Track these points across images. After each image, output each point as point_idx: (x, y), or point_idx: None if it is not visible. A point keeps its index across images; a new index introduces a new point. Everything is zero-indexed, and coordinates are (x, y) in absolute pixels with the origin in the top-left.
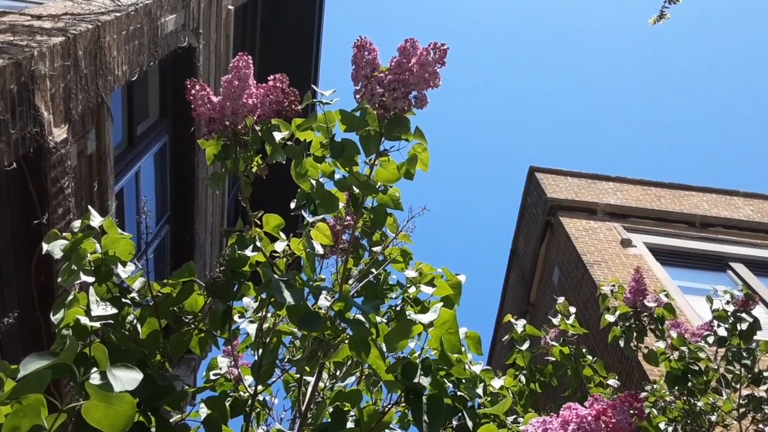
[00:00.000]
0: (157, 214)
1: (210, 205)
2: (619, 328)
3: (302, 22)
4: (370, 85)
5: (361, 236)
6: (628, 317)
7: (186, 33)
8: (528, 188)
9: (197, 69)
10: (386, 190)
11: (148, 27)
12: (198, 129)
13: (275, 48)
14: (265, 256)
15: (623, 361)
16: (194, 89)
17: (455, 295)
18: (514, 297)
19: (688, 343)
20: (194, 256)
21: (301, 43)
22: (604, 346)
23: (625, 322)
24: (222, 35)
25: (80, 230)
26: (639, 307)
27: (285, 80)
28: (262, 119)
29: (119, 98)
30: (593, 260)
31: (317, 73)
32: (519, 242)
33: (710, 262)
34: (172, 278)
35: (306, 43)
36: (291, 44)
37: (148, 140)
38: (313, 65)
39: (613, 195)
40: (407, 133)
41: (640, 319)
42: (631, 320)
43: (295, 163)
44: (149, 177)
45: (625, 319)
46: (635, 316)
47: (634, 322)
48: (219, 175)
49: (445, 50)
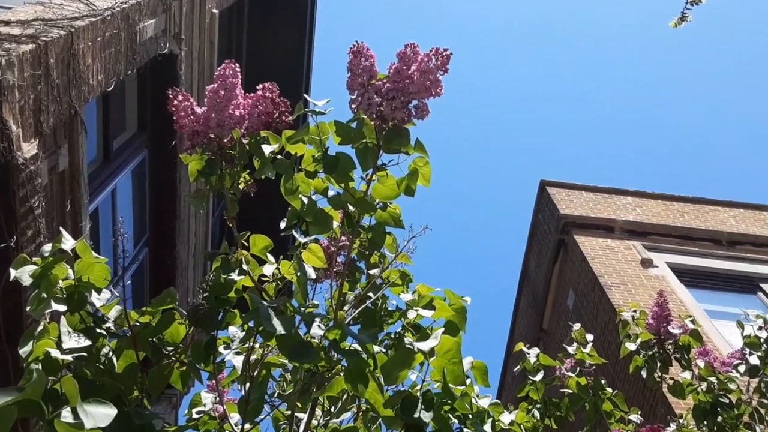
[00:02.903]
0: (135, 236)
1: (193, 225)
2: (641, 358)
3: (293, 26)
4: (367, 93)
5: (357, 258)
6: (650, 345)
7: (167, 39)
8: (539, 204)
9: (179, 78)
10: (385, 208)
11: (125, 33)
12: (180, 143)
13: (264, 54)
14: (253, 280)
15: (646, 393)
16: (176, 100)
17: (460, 321)
18: (526, 323)
19: (717, 373)
20: (175, 281)
21: (292, 50)
22: (625, 377)
23: (647, 351)
24: (206, 41)
25: (51, 254)
26: (663, 334)
27: (275, 89)
28: (250, 132)
29: (94, 110)
30: (611, 282)
31: (309, 82)
32: (530, 263)
33: (739, 283)
34: (151, 306)
35: (297, 50)
36: (281, 50)
37: (126, 155)
38: (305, 73)
39: (632, 211)
40: (407, 146)
41: (664, 347)
42: (654, 348)
43: (286, 179)
44: (127, 195)
45: (648, 347)
46: (659, 344)
47: (657, 350)
48: (203, 193)
49: (448, 56)
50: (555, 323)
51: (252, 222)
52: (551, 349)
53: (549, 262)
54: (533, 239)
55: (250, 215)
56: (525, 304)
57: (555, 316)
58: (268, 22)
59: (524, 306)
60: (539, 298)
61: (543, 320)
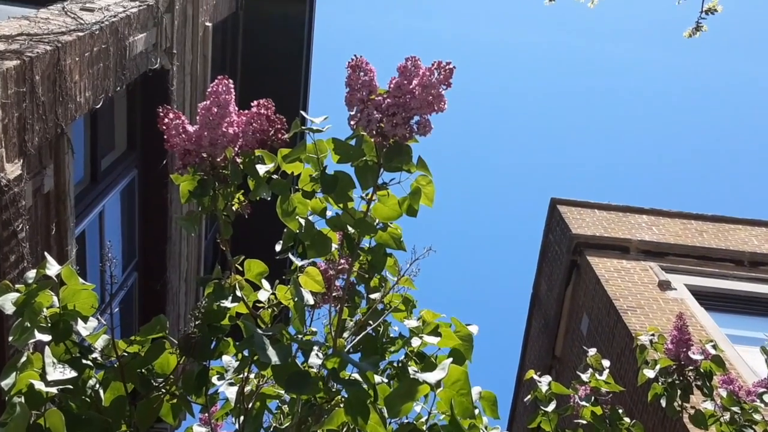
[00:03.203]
0: (123, 261)
1: (185, 248)
2: (660, 385)
3: (290, 40)
4: (367, 109)
5: (357, 282)
6: (670, 372)
7: (158, 53)
8: (550, 223)
9: (170, 94)
10: (386, 229)
11: (114, 48)
12: (171, 162)
13: (259, 69)
14: (247, 307)
15: (666, 424)
16: (167, 118)
17: (466, 350)
18: (537, 349)
19: (741, 402)
20: (166, 308)
21: (288, 64)
22: (643, 407)
23: (666, 378)
24: (199, 55)
25: (35, 281)
26: (683, 360)
27: (270, 106)
28: (244, 150)
29: (81, 128)
30: (627, 306)
31: (307, 98)
32: (541, 286)
33: (763, 306)
34: (140, 335)
35: (294, 64)
36: (277, 65)
37: (114, 176)
38: (302, 89)
39: (648, 230)
40: (409, 164)
41: (685, 374)
42: (673, 375)
43: (282, 200)
44: (115, 217)
45: (667, 374)
46: (678, 370)
47: (677, 377)
48: (194, 215)
49: (451, 70)
50: (568, 349)
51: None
52: (564, 377)
53: (561, 284)
54: (544, 261)
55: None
56: (536, 330)
57: (568, 342)
58: (264, 35)
59: (535, 331)
60: (551, 323)
61: (555, 346)
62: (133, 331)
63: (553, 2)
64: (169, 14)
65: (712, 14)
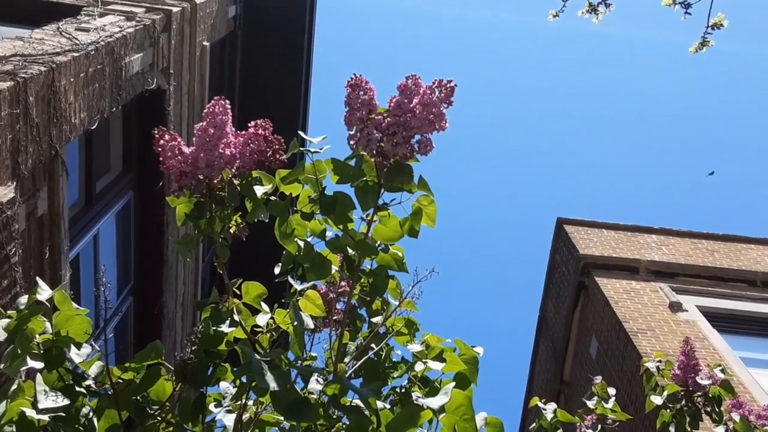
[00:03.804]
0: (118, 285)
1: (181, 272)
2: (668, 412)
3: (288, 59)
4: (367, 129)
5: (358, 305)
6: (678, 398)
7: (154, 74)
8: (556, 244)
9: (167, 114)
10: (387, 250)
11: (110, 68)
12: (167, 184)
13: (257, 89)
14: (245, 331)
15: None
16: (163, 139)
17: (471, 373)
18: (545, 374)
19: (753, 427)
20: (162, 333)
21: (286, 84)
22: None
23: (675, 405)
24: (196, 75)
25: (27, 306)
26: (691, 386)
27: (268, 126)
28: (242, 172)
29: (76, 150)
30: (637, 328)
31: (306, 118)
32: (548, 308)
33: None
34: (135, 361)
35: (293, 84)
36: (275, 85)
37: (110, 198)
38: (301, 108)
39: (658, 250)
40: (410, 184)
41: (693, 400)
42: (682, 402)
43: (280, 222)
44: (110, 241)
45: (675, 400)
46: (687, 396)
47: (686, 404)
48: (190, 238)
49: (452, 88)
50: (577, 374)
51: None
52: (574, 403)
53: (569, 306)
54: (551, 282)
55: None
56: (543, 353)
57: (577, 366)
58: (263, 55)
59: (543, 355)
60: (559, 346)
61: (564, 371)
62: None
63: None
64: (166, 34)
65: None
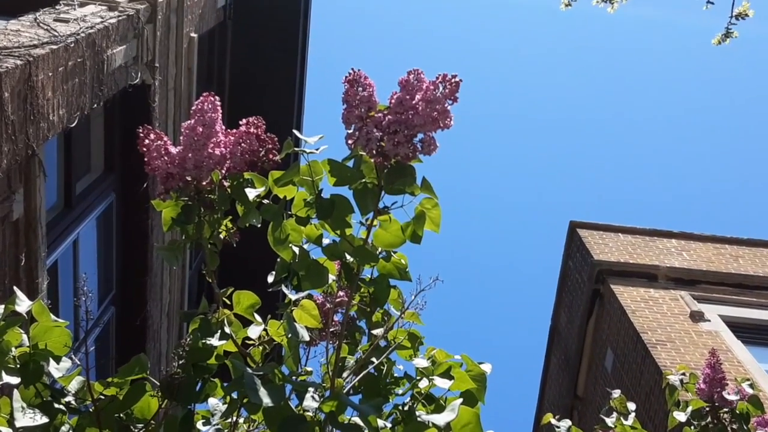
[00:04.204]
0: (99, 294)
1: (167, 280)
2: (692, 429)
3: (282, 52)
4: (366, 127)
5: (357, 316)
6: (703, 414)
7: (138, 67)
8: (569, 249)
9: (152, 111)
10: (388, 257)
11: (91, 61)
12: (153, 186)
13: (249, 84)
14: (236, 344)
15: None
16: (148, 138)
17: (479, 390)
18: (557, 389)
19: None
20: (146, 346)
21: (280, 79)
22: None
23: (700, 422)
24: (183, 69)
25: (3, 317)
26: (717, 401)
27: (261, 124)
28: (232, 173)
29: (54, 149)
30: (656, 340)
31: (301, 115)
32: (560, 318)
33: None
34: (118, 376)
35: (287, 79)
36: (268, 80)
37: (90, 200)
38: (295, 105)
39: (678, 256)
40: (412, 186)
41: (719, 416)
42: (707, 418)
43: (273, 227)
44: (91, 246)
45: (700, 417)
46: (712, 412)
47: (711, 420)
48: (177, 244)
49: (457, 83)
50: (591, 388)
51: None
52: (588, 420)
53: (582, 316)
54: (563, 290)
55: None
56: (556, 367)
57: (591, 380)
58: (255, 47)
59: (555, 368)
60: (572, 359)
61: (577, 385)
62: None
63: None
64: (151, 25)
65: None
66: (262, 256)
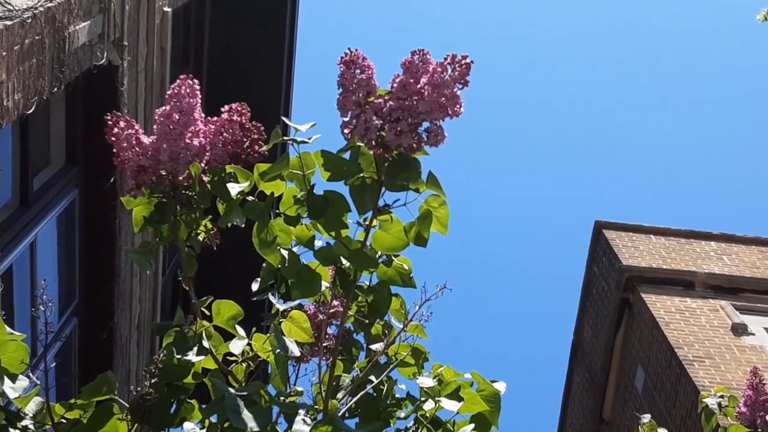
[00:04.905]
0: (61, 303)
1: (137, 288)
2: None
3: (269, 29)
4: (364, 114)
5: (354, 329)
6: None
7: (105, 46)
8: (594, 252)
9: (120, 96)
10: (389, 262)
11: (51, 39)
12: (122, 181)
13: (231, 66)
14: (216, 361)
15: None
16: (117, 127)
17: (491, 413)
18: (580, 411)
19: None
20: (114, 362)
21: (266, 60)
22: None
23: None
24: (155, 48)
25: None
26: (760, 426)
27: (245, 111)
28: (213, 166)
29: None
30: (693, 356)
31: (290, 101)
32: (584, 331)
33: None
34: (81, 396)
35: (274, 60)
36: (253, 60)
37: (50, 197)
38: (283, 90)
39: (718, 261)
40: (417, 181)
41: None
42: None
43: (259, 227)
44: (50, 250)
45: None
46: None
47: None
48: (150, 247)
49: (468, 65)
50: (619, 411)
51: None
52: None
53: (609, 329)
54: (587, 299)
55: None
56: (579, 386)
57: (619, 402)
58: (237, 24)
59: (578, 388)
60: (597, 377)
61: (603, 407)
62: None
63: None
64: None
65: None
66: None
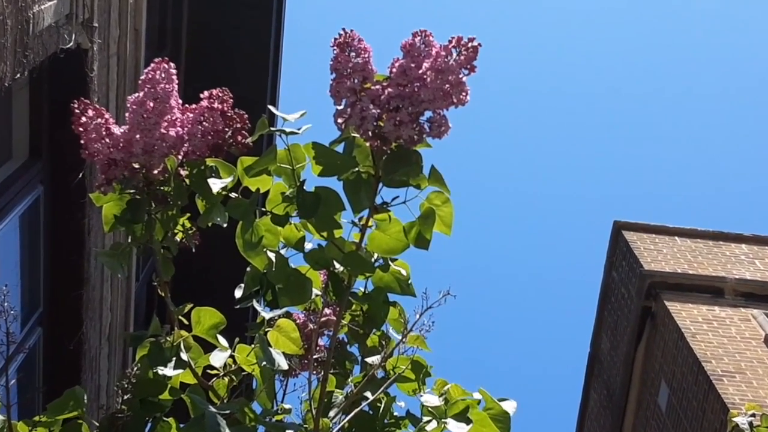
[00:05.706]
0: (24, 312)
1: (108, 294)
2: None
3: (253, 8)
4: (360, 102)
5: (348, 340)
6: None
7: (72, 28)
8: (613, 256)
9: (90, 82)
10: (387, 266)
11: (13, 20)
12: (91, 176)
13: (212, 49)
14: (195, 375)
15: None
16: (85, 116)
17: None
18: (598, 430)
19: None
20: (82, 376)
21: (251, 42)
22: None
23: None
24: (129, 30)
25: None
26: None
27: (227, 98)
28: (192, 159)
29: None
30: (722, 370)
31: (277, 88)
32: (602, 342)
33: None
34: (47, 414)
35: (259, 42)
36: (236, 43)
37: (11, 195)
38: (270, 75)
39: (749, 265)
40: (418, 177)
41: None
42: None
43: (243, 227)
44: (12, 253)
45: None
46: None
47: None
48: (122, 249)
49: (475, 48)
50: (641, 430)
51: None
52: None
53: (629, 341)
54: (605, 308)
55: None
56: (596, 404)
57: (641, 421)
58: (218, 2)
59: (595, 406)
60: (617, 393)
61: (623, 427)
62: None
63: None
64: None
65: None
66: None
